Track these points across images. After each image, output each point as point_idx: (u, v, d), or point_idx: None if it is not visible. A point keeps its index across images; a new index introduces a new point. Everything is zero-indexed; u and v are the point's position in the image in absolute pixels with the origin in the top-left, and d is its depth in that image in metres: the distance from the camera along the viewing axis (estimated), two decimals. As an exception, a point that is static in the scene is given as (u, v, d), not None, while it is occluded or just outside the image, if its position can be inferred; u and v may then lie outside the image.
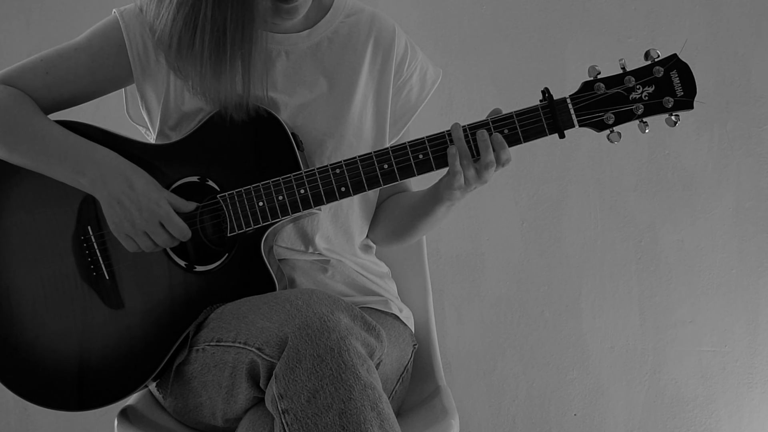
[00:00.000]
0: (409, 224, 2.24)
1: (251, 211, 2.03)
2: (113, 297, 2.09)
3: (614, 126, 1.98)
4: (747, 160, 3.25)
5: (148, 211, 2.00)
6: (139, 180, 2.01)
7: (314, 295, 1.88)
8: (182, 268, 2.08)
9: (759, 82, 3.22)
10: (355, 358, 1.78)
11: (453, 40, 3.24)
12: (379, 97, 2.22)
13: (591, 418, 3.37)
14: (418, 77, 2.27)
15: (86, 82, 2.14)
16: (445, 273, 3.31)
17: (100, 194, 2.02)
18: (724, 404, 3.35)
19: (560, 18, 3.22)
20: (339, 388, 1.74)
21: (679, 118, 1.96)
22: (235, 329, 1.92)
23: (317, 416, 1.73)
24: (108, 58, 2.13)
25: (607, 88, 1.97)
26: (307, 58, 2.18)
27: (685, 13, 3.20)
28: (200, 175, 2.07)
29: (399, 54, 2.23)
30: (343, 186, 2.01)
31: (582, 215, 3.29)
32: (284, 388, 1.77)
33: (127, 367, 2.08)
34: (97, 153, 2.04)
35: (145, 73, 2.14)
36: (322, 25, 2.19)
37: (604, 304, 3.32)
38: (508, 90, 3.23)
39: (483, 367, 3.35)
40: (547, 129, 1.98)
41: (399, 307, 2.32)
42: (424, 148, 1.99)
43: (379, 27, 2.23)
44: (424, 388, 2.43)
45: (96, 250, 2.10)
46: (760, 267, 3.29)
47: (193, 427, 2.15)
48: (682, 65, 1.96)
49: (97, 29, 2.16)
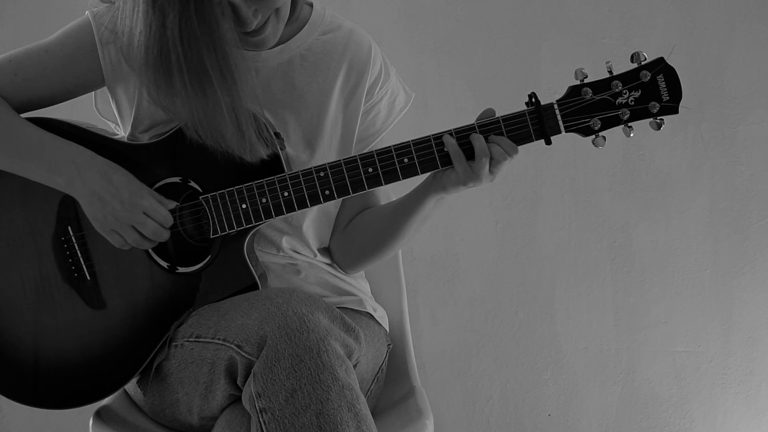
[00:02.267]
0: (392, 229, 2.19)
1: (234, 213, 2.01)
2: (95, 297, 2.08)
3: (600, 131, 1.97)
4: (721, 160, 3.26)
5: (131, 203, 1.97)
6: (116, 174, 1.98)
7: (294, 295, 1.88)
8: (164, 269, 2.06)
9: (733, 82, 3.23)
10: (333, 358, 1.78)
11: (427, 41, 3.23)
12: (348, 121, 2.18)
13: (565, 419, 3.37)
14: (387, 102, 2.23)
15: (56, 86, 2.09)
16: (419, 273, 3.31)
17: (78, 192, 1.99)
18: (698, 404, 3.36)
19: (534, 19, 3.22)
20: (317, 389, 1.74)
21: (663, 121, 1.96)
22: (215, 326, 1.92)
23: (294, 416, 1.74)
24: (79, 62, 2.07)
25: (594, 93, 1.95)
26: (277, 76, 2.13)
27: (660, 14, 3.21)
28: (182, 176, 2.05)
29: (372, 77, 2.19)
30: (327, 189, 1.99)
31: (556, 216, 3.29)
32: (262, 386, 1.78)
33: (109, 367, 2.07)
34: (73, 151, 2.01)
35: (117, 78, 2.09)
36: (296, 41, 2.14)
37: (578, 304, 3.33)
38: (483, 91, 3.23)
39: (457, 367, 3.35)
40: (534, 135, 1.96)
41: (373, 306, 2.33)
42: (410, 152, 1.97)
43: (354, 48, 2.17)
44: (399, 388, 2.43)
45: (77, 250, 2.08)
46: (734, 267, 3.30)
47: (168, 425, 2.14)
48: (669, 69, 1.95)
49: (68, 31, 2.09)
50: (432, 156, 1.97)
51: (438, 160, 1.97)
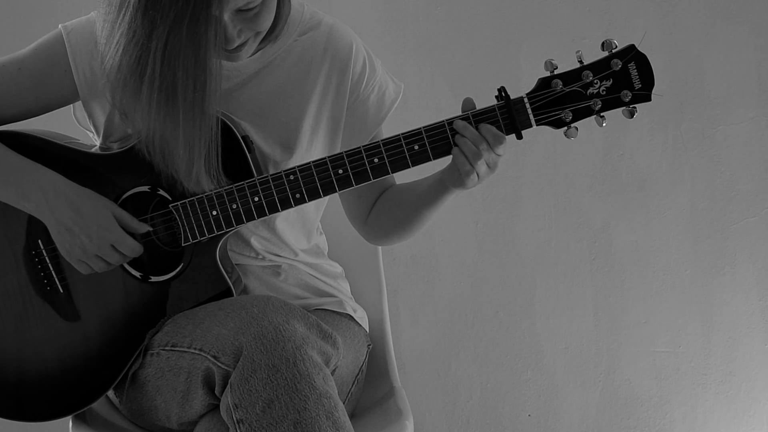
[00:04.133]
0: (415, 220, 2.17)
1: (205, 220, 1.99)
2: (69, 309, 2.07)
3: (572, 123, 1.94)
4: (701, 160, 3.26)
5: (99, 237, 1.95)
6: (85, 204, 1.97)
7: (270, 303, 1.88)
8: (137, 279, 2.05)
9: (713, 82, 3.23)
10: (310, 367, 1.78)
11: (407, 40, 3.22)
12: (333, 122, 2.15)
13: (545, 419, 3.37)
14: (376, 98, 2.18)
15: (30, 103, 2.07)
16: (399, 274, 3.30)
17: (47, 220, 1.98)
18: (678, 405, 3.36)
19: (515, 18, 3.21)
20: (294, 398, 1.75)
21: (636, 110, 1.94)
22: (191, 335, 1.92)
23: (272, 426, 1.74)
24: (53, 80, 2.06)
25: (564, 84, 1.93)
26: (255, 80, 2.10)
27: (640, 14, 3.21)
28: (151, 185, 2.03)
29: (355, 74, 2.14)
30: (297, 192, 1.97)
31: (536, 216, 3.29)
32: (239, 397, 1.78)
33: (83, 379, 2.06)
34: (41, 178, 1.98)
35: (92, 93, 2.07)
36: (275, 46, 2.10)
37: (558, 304, 3.32)
38: (463, 90, 3.22)
39: (437, 367, 3.35)
40: (505, 130, 1.94)
41: (353, 307, 2.32)
42: (380, 153, 1.95)
43: (335, 46, 2.12)
44: (379, 389, 2.43)
45: (48, 263, 2.07)
46: (714, 268, 3.31)
47: (148, 429, 2.14)
48: (640, 56, 1.92)
49: (41, 47, 2.07)
50: (403, 155, 1.95)
51: (408, 159, 1.96)
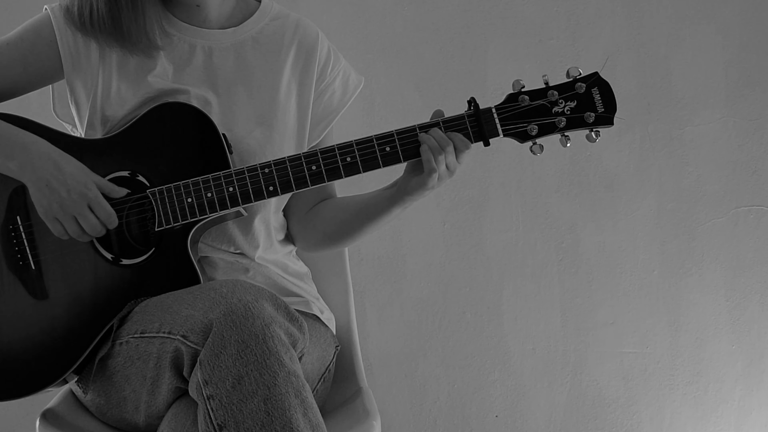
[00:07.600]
0: (355, 227, 2.25)
1: (180, 207, 2.06)
2: (38, 287, 2.09)
3: (537, 138, 2.06)
4: (669, 161, 3.27)
5: (77, 193, 2.00)
6: (68, 164, 2.02)
7: (238, 284, 1.90)
8: (108, 261, 2.08)
9: (680, 83, 3.25)
10: (278, 345, 1.80)
11: (374, 42, 3.23)
12: (301, 100, 2.26)
13: (512, 420, 3.37)
14: (341, 82, 2.33)
15: (17, 76, 2.17)
16: (366, 274, 3.30)
17: (29, 178, 2.03)
18: (645, 405, 3.37)
19: (481, 20, 3.22)
20: (264, 374, 1.76)
21: (599, 134, 2.05)
22: (159, 320, 1.94)
23: (242, 402, 1.75)
24: (39, 53, 2.17)
25: (531, 100, 2.05)
26: (230, 56, 2.22)
27: (607, 15, 3.22)
28: (131, 170, 2.10)
29: (322, 58, 2.29)
30: (271, 185, 2.05)
31: (504, 217, 3.29)
32: (209, 374, 1.79)
33: (47, 358, 2.08)
34: (27, 138, 2.05)
35: (75, 68, 2.17)
36: (248, 25, 2.25)
37: (525, 305, 3.33)
38: (430, 91, 3.23)
39: (404, 368, 3.35)
40: (473, 137, 2.05)
41: (320, 308, 2.34)
42: (352, 151, 2.05)
43: (303, 32, 2.29)
44: (346, 389, 2.45)
45: (24, 239, 2.10)
46: (681, 269, 3.32)
47: (114, 426, 2.14)
48: (603, 82, 2.04)
49: (28, 25, 2.20)
50: (375, 155, 2.05)
51: (380, 159, 2.05)
